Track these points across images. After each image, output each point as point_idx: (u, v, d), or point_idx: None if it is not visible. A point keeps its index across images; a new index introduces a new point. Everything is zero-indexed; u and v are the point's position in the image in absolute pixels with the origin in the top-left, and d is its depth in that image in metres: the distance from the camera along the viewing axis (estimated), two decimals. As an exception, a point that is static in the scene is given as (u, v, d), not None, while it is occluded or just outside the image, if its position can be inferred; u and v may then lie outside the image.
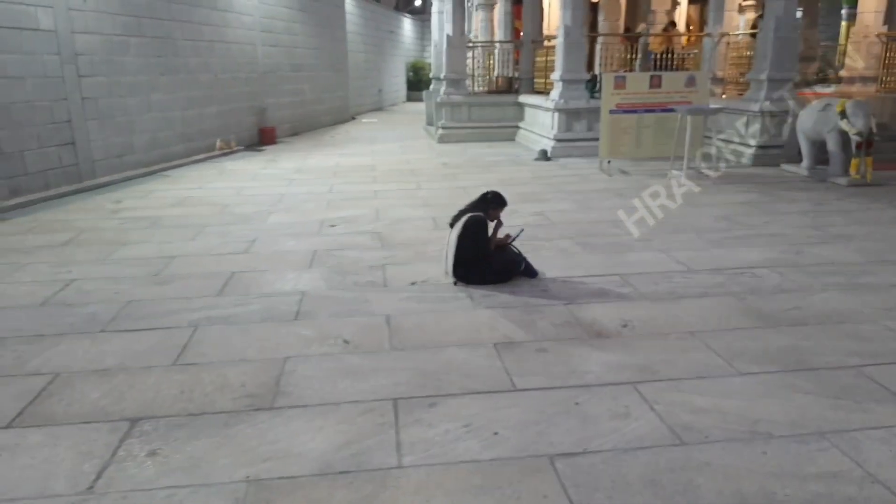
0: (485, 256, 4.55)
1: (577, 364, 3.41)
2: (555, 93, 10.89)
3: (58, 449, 2.70)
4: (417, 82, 30.41)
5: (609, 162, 9.30)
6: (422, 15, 33.09)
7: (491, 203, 4.62)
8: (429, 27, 33.62)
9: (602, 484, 2.43)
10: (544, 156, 10.60)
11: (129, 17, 9.45)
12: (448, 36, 13.02)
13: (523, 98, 13.07)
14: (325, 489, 2.42)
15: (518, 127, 13.27)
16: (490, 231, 4.70)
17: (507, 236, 4.70)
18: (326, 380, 3.27)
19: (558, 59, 10.71)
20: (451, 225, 4.72)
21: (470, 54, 13.94)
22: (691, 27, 19.50)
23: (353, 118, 19.88)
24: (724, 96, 11.04)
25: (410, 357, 3.52)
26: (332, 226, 6.49)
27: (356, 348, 3.64)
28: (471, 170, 9.90)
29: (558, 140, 10.82)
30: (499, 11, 15.77)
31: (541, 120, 11.91)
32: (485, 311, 4.16)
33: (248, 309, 4.23)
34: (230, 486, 2.45)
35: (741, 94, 10.72)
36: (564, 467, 2.53)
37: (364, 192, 8.27)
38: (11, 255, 5.55)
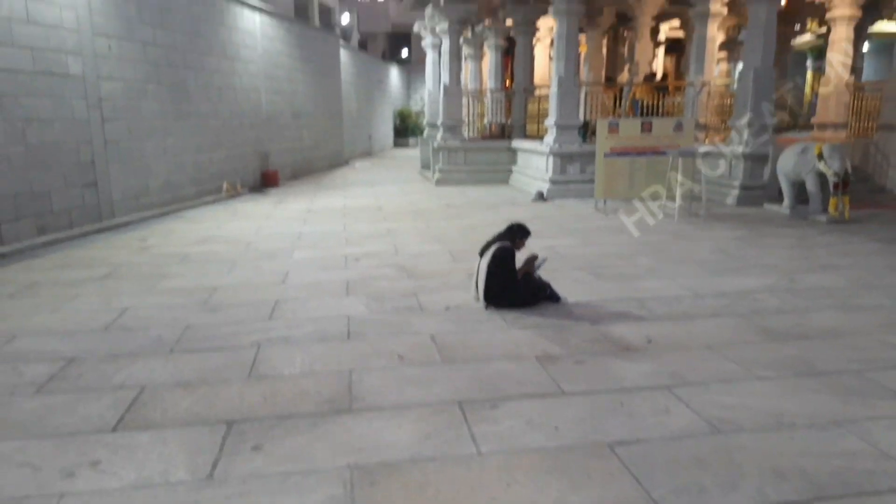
0: (513, 283, 4.98)
1: (614, 372, 3.82)
2: (549, 138, 11.57)
3: (168, 447, 3.01)
4: (404, 129, 31.33)
5: (605, 202, 9.89)
6: (408, 65, 34.32)
7: (517, 233, 5.08)
8: (415, 76, 34.89)
9: (658, 463, 2.82)
10: (541, 197, 11.18)
11: (148, 65, 9.95)
12: (445, 85, 13.75)
13: (516, 143, 13.75)
14: (420, 471, 2.77)
15: (511, 170, 13.91)
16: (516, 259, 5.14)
17: (533, 262, 5.12)
18: (392, 387, 3.63)
19: (552, 106, 11.43)
20: (481, 254, 5.15)
21: (464, 102, 14.66)
22: (668, 76, 20.69)
23: (347, 163, 20.45)
24: (707, 141, 11.82)
25: (462, 368, 3.90)
26: (357, 260, 6.88)
27: (411, 362, 4.01)
28: (473, 210, 10.41)
29: (553, 182, 11.44)
30: (489, 62, 16.65)
31: (535, 163, 12.56)
32: (520, 330, 4.56)
33: (302, 331, 4.58)
34: (335, 470, 2.78)
35: (723, 139, 11.50)
36: (623, 452, 2.92)
37: (378, 230, 8.70)
38: (57, 288, 5.83)
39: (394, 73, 31.64)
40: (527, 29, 13.97)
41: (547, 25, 16.22)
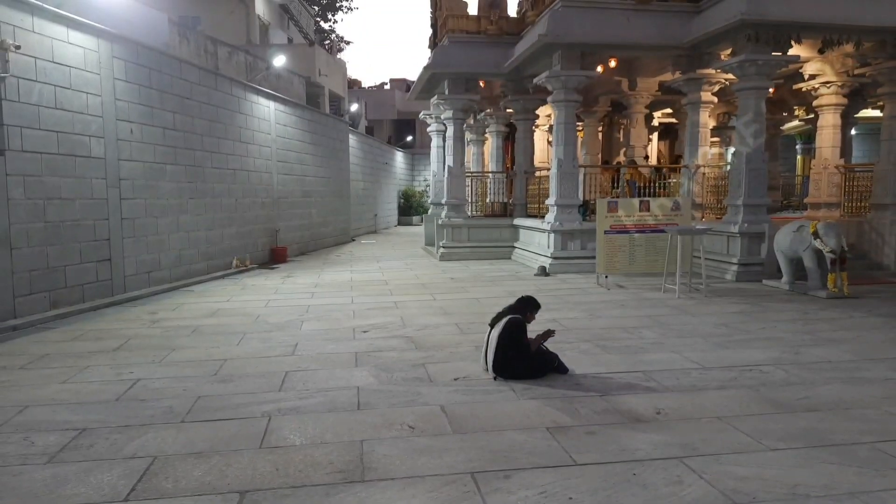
0: (523, 354, 5.05)
1: (625, 443, 3.83)
2: (550, 216, 11.89)
3: (182, 514, 3.00)
4: (408, 208, 32.06)
5: (606, 277, 10.05)
6: (412, 149, 35.58)
7: (528, 307, 5.20)
8: (418, 159, 36.08)
9: (674, 533, 2.81)
10: (543, 272, 11.36)
11: (167, 148, 10.40)
12: (449, 167, 14.28)
13: (518, 221, 14.10)
14: (435, 540, 2.76)
15: (514, 246, 14.19)
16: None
17: (548, 336, 5.18)
18: (405, 457, 3.63)
19: (553, 186, 11.83)
20: (491, 325, 5.25)
21: (467, 182, 15.17)
22: (661, 160, 21.41)
23: (353, 239, 20.83)
24: (703, 219, 12.14)
25: (474, 439, 3.91)
26: (365, 332, 6.96)
27: (422, 432, 4.02)
28: (477, 284, 10.56)
29: (555, 257, 11.65)
30: (491, 145, 17.35)
31: (536, 240, 12.83)
32: (529, 401, 4.59)
33: (312, 401, 4.61)
34: (351, 539, 2.77)
35: (719, 218, 11.81)
36: (638, 521, 2.91)
37: (384, 302, 8.81)
38: (69, 359, 5.88)
39: (399, 157, 32.76)
40: (526, 116, 14.67)
41: (545, 113, 17.00)
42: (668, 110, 17.92)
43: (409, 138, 35.36)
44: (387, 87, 39.44)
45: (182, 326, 7.33)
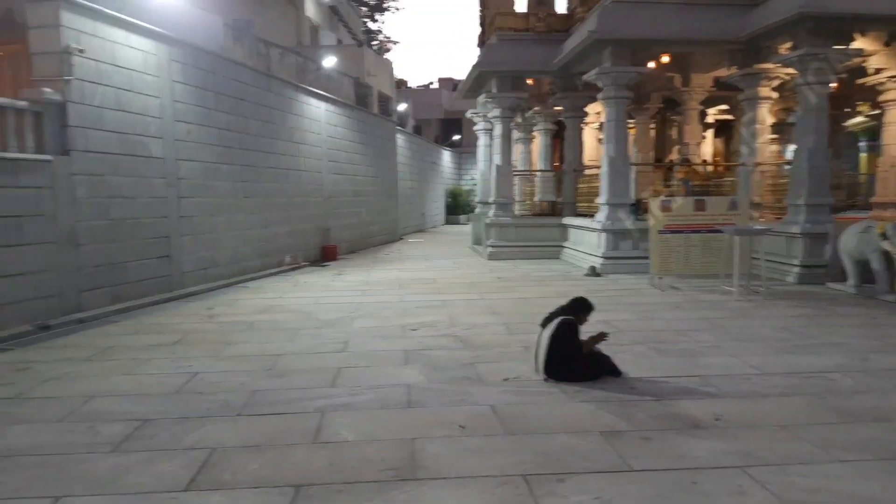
0: (575, 356, 4.96)
1: (683, 450, 3.71)
2: (601, 215, 11.67)
3: (239, 506, 3.06)
4: (455, 207, 32.09)
5: (661, 278, 9.80)
6: (458, 148, 35.61)
7: (581, 308, 5.11)
8: (465, 158, 36.05)
9: (738, 545, 2.70)
10: (594, 272, 11.17)
11: (222, 148, 10.70)
12: (497, 165, 14.20)
13: (567, 220, 13.90)
14: (489, 542, 2.73)
15: (562, 246, 14.00)
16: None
17: (601, 338, 5.07)
18: (456, 457, 3.62)
19: (604, 185, 11.61)
20: (543, 325, 5.18)
21: (515, 181, 15.06)
22: (717, 157, 20.75)
23: (401, 238, 20.98)
24: (761, 219, 11.69)
25: (525, 441, 3.86)
26: (414, 330, 6.98)
27: (473, 432, 4.00)
28: (526, 283, 10.46)
29: (606, 258, 11.44)
30: (539, 144, 17.17)
31: (587, 239, 12.63)
32: (582, 404, 4.51)
33: (364, 398, 4.64)
34: (404, 537, 2.77)
35: (778, 218, 11.35)
36: (699, 531, 2.81)
37: (433, 301, 8.83)
38: (131, 352, 6.11)
39: (446, 156, 32.84)
40: (575, 114, 14.45)
41: (594, 110, 16.72)
42: (724, 106, 17.35)
43: (457, 137, 35.38)
44: (434, 86, 39.60)
45: (237, 322, 7.52)
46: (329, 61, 15.16)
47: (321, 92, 14.71)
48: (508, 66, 13.62)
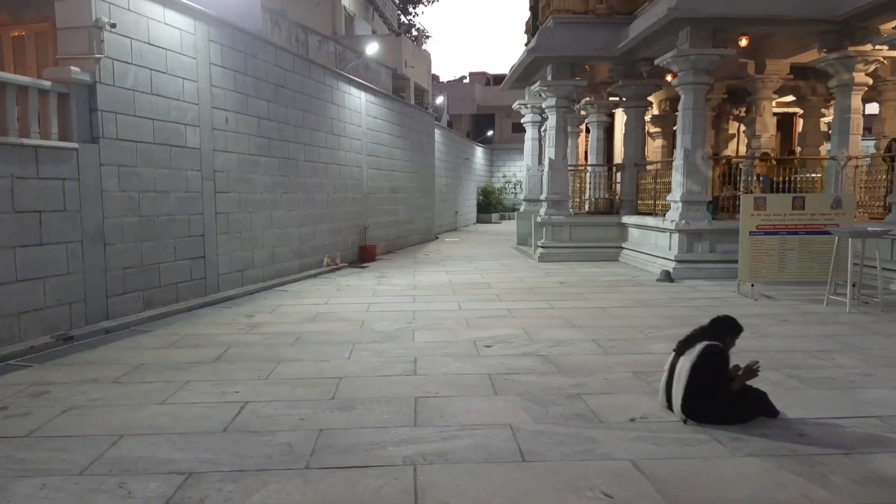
0: (725, 392, 3.91)
1: (933, 540, 2.66)
2: (674, 213, 10.56)
3: None
4: (487, 205, 31.08)
5: (752, 285, 8.65)
6: (490, 145, 34.57)
7: (727, 330, 4.06)
8: (497, 155, 35.02)
9: None
10: (668, 277, 10.06)
11: (261, 139, 9.81)
12: (550, 159, 13.14)
13: (627, 219, 12.80)
14: None
15: (621, 247, 12.91)
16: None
17: (755, 371, 4.00)
18: (618, 547, 2.61)
19: (677, 180, 10.50)
20: (677, 351, 4.14)
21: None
22: (771, 153, 19.41)
23: (437, 238, 20.02)
24: (855, 220, 10.46)
25: (701, 518, 2.83)
26: (488, 346, 5.99)
27: (624, 503, 2.98)
28: (593, 289, 9.40)
29: (680, 261, 10.33)
30: (592, 137, 16.04)
31: (653, 240, 11.52)
32: (750, 459, 3.46)
33: (460, 443, 3.65)
34: None
35: (875, 217, 10.14)
36: None
37: (496, 310, 7.82)
38: (166, 371, 5.21)
39: (478, 152, 31.82)
40: (638, 103, 13.30)
41: (656, 100, 15.59)
42: (787, 98, 16.01)
43: (490, 133, 34.33)
44: (465, 80, 38.56)
45: (283, 333, 6.60)
46: (372, 48, 14.24)
47: (362, 81, 13.79)
48: (566, 52, 12.53)
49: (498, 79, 40.25)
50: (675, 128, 19.76)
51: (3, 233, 5.69)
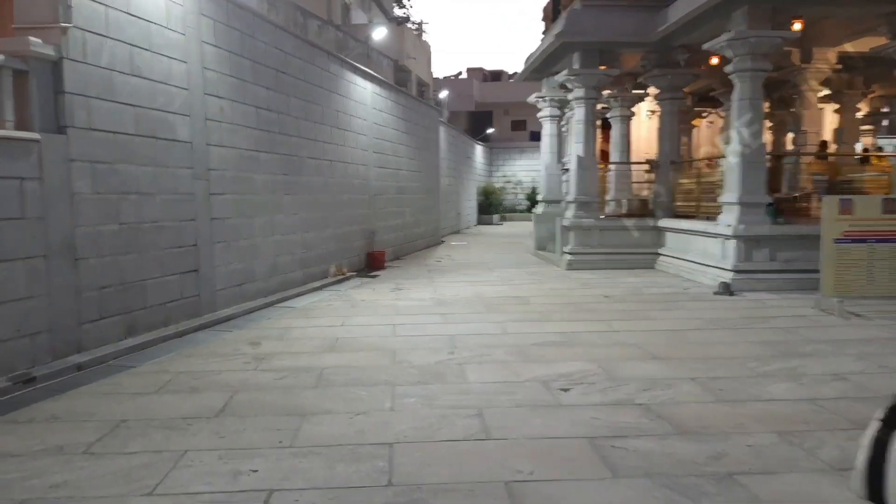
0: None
1: None
2: (729, 217, 9.38)
3: None
4: (487, 206, 29.89)
5: (840, 301, 7.49)
6: (489, 143, 33.36)
7: (974, 391, 2.84)
8: (497, 154, 33.86)
9: None
10: (726, 289, 8.87)
11: (260, 132, 8.49)
12: (578, 157, 11.92)
13: (665, 222, 11.64)
14: None
15: (657, 253, 11.75)
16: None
17: None
18: None
19: (733, 179, 9.32)
20: (886, 423, 2.92)
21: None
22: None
23: (442, 241, 18.76)
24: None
25: None
26: (565, 390, 4.74)
27: None
28: (647, 305, 8.20)
29: (737, 271, 9.15)
30: (614, 133, 14.87)
31: (700, 247, 10.35)
32: None
33: (612, 581, 2.41)
34: None
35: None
36: None
37: (548, 334, 6.58)
38: (156, 433, 3.90)
39: (478, 150, 30.59)
40: (673, 95, 12.11)
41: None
42: (826, 91, 14.96)
43: (490, 130, 33.11)
44: (462, 76, 37.29)
45: (300, 369, 5.30)
46: (379, 33, 12.95)
47: (369, 70, 12.48)
48: (596, 37, 11.32)
49: (496, 75, 39.08)
50: (695, 122, 18.77)
51: (-63, 248, 4.36)
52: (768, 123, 16.26)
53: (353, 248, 11.74)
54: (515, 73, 35.84)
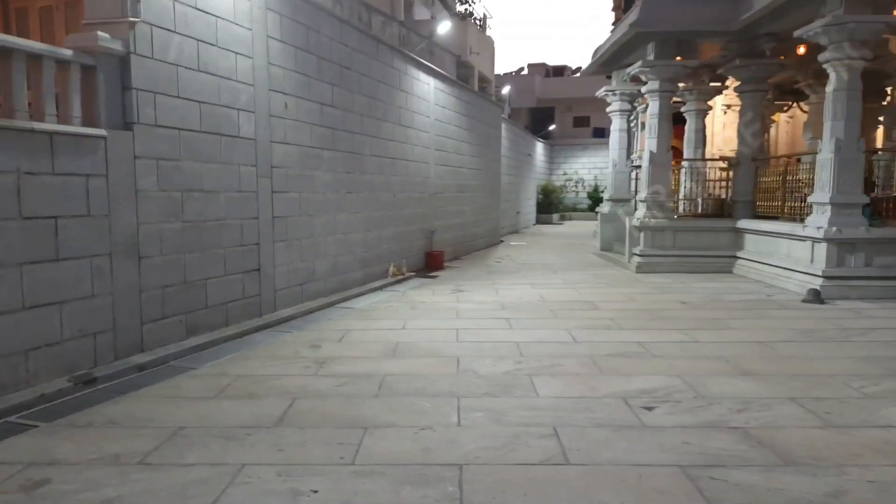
0: None
1: None
2: (819, 218, 8.62)
3: None
4: (547, 205, 29.23)
5: (956, 314, 6.71)
6: (550, 140, 32.65)
7: None
8: (557, 151, 33.12)
9: None
10: (816, 297, 8.14)
11: (324, 129, 8.35)
12: (651, 153, 11.30)
13: (745, 223, 10.88)
14: None
15: (735, 256, 11.00)
16: None
17: None
18: None
19: (825, 177, 8.55)
20: None
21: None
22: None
23: (501, 241, 18.36)
24: None
25: None
26: (649, 409, 4.31)
27: None
28: (729, 313, 7.59)
29: (828, 277, 8.39)
30: (689, 128, 14.07)
31: (784, 250, 9.59)
32: None
33: None
34: None
35: None
36: None
37: (623, 343, 6.13)
38: (214, 442, 3.72)
39: (539, 148, 29.97)
40: (756, 87, 11.30)
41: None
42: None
43: (552, 127, 32.39)
44: (524, 72, 36.68)
45: (360, 375, 5.07)
46: (444, 27, 12.70)
47: (432, 66, 12.23)
48: (673, 26, 10.68)
49: (559, 70, 38.26)
50: (774, 117, 17.62)
51: (5, 245, 4.33)
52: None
53: (413, 248, 11.53)
54: (579, 69, 35.05)
